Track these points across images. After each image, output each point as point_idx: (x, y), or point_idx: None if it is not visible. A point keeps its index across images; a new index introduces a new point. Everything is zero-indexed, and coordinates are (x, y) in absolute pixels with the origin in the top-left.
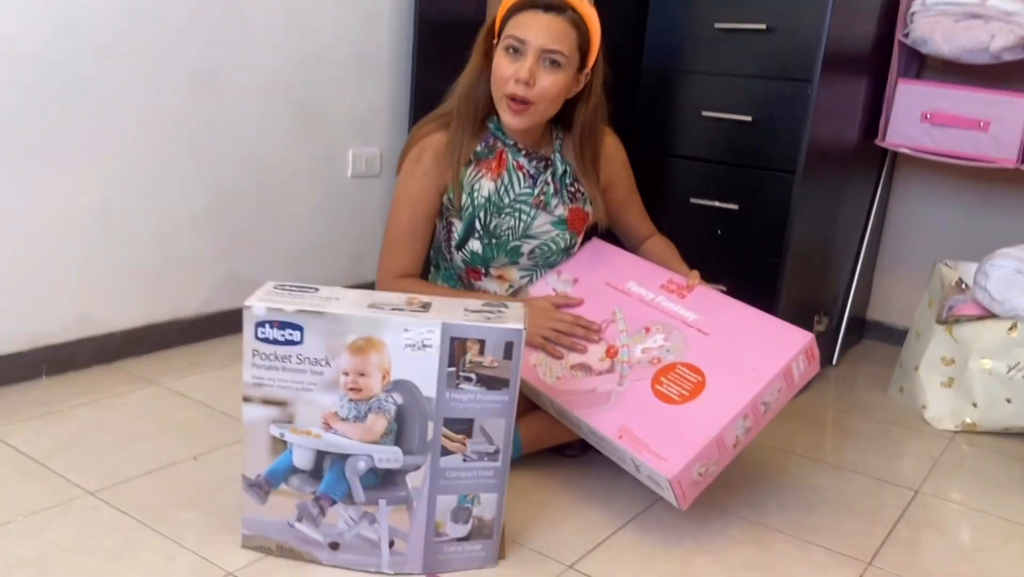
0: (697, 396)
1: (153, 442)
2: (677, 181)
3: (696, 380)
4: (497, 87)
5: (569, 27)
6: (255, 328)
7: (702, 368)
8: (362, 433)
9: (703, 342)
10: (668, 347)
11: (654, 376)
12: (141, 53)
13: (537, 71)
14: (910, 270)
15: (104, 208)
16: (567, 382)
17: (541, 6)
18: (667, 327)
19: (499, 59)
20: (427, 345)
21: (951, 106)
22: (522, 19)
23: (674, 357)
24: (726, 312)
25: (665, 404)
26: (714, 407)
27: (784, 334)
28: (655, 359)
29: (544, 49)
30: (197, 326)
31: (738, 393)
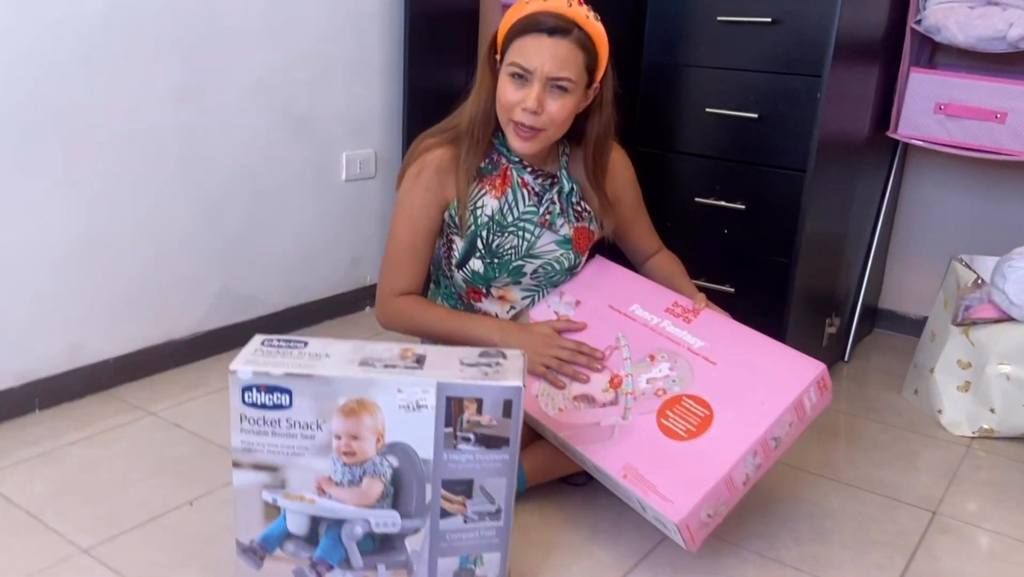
0: (704, 432)
1: (148, 484)
2: (680, 180)
3: (703, 414)
4: (503, 112)
5: (575, 49)
6: (241, 393)
7: (709, 401)
8: (357, 497)
9: (710, 372)
10: (674, 377)
11: (659, 409)
12: (121, 69)
13: (544, 98)
14: (923, 259)
15: (90, 232)
16: (570, 414)
17: (545, 30)
18: (672, 355)
19: (504, 84)
20: (422, 406)
21: (966, 96)
22: (526, 44)
23: (680, 389)
24: (734, 339)
25: (671, 440)
26: (722, 444)
27: (795, 364)
28: (660, 390)
29: (551, 77)
30: (193, 346)
31: (747, 429)
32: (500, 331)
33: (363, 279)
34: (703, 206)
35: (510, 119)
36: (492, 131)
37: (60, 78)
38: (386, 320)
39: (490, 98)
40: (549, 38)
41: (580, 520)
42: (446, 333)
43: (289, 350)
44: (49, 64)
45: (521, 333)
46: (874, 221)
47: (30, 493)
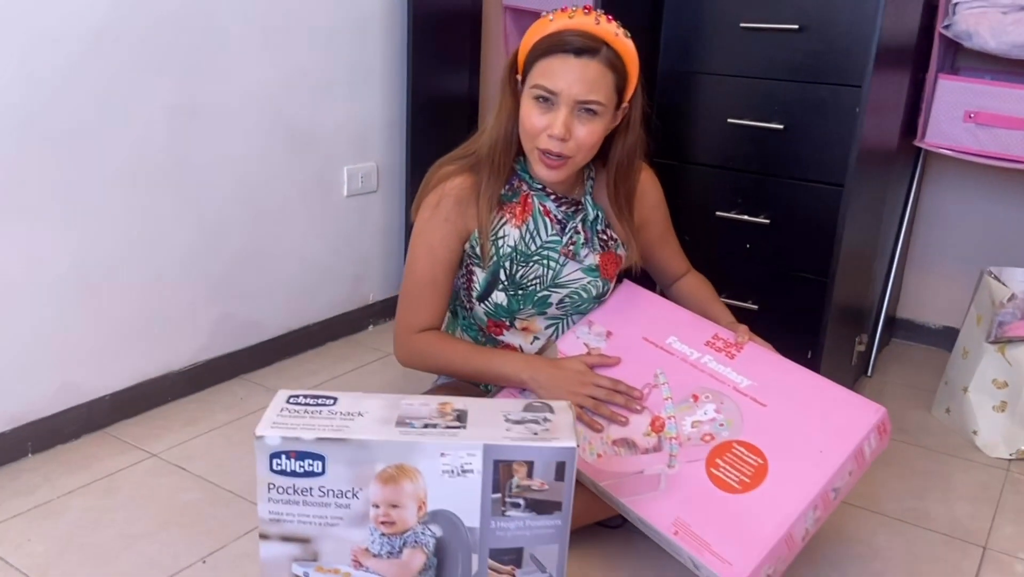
0: (759, 484)
1: (156, 539)
2: (700, 193)
3: (757, 464)
4: (527, 138)
5: (605, 70)
6: (269, 460)
7: (763, 449)
8: (397, 570)
9: (761, 416)
10: (721, 421)
11: (708, 457)
12: (113, 88)
13: (572, 123)
14: (942, 267)
15: (81, 263)
16: (610, 461)
17: (572, 50)
18: (718, 395)
19: (528, 108)
20: (468, 470)
21: (997, 105)
22: (551, 65)
23: (729, 434)
24: (783, 377)
25: (724, 493)
26: (781, 498)
27: (853, 408)
28: (707, 435)
29: (579, 100)
30: (192, 377)
31: (806, 481)
32: (529, 368)
33: (366, 297)
34: (724, 220)
35: (535, 146)
36: (514, 156)
37: (49, 100)
38: (406, 358)
39: (511, 122)
40: (576, 59)
41: (622, 568)
42: (472, 372)
43: (318, 409)
44: (37, 85)
45: (552, 370)
46: (897, 231)
47: (29, 553)
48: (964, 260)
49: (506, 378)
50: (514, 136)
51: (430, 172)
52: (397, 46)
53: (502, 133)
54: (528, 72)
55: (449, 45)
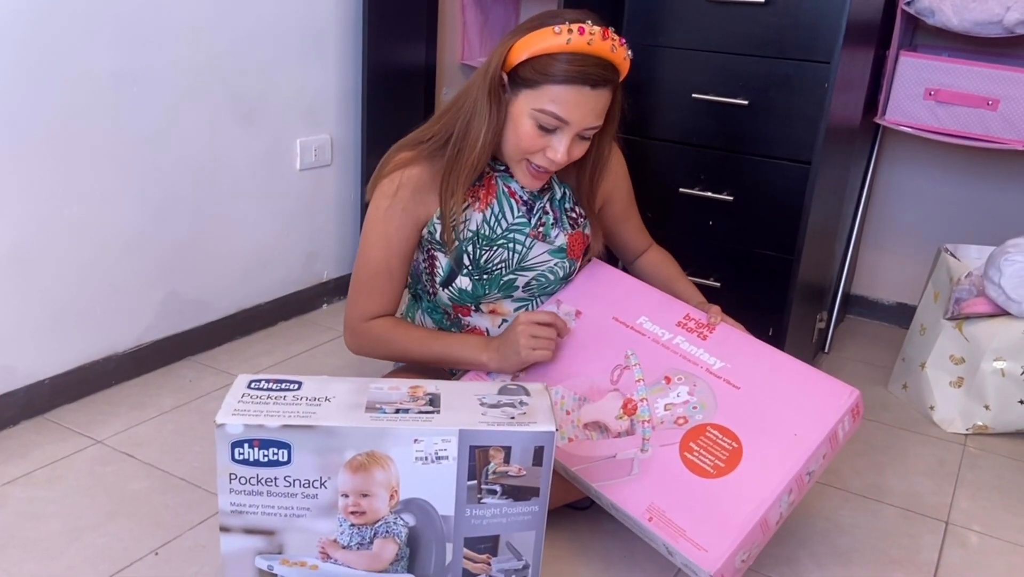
0: (734, 468)
1: (104, 531)
2: (663, 169)
3: (731, 447)
4: (519, 152)
5: (610, 94)
6: (231, 449)
7: (737, 432)
8: (368, 561)
9: (734, 398)
10: (695, 403)
11: (682, 440)
12: (49, 55)
13: (572, 147)
14: (896, 245)
15: (17, 243)
16: (581, 445)
17: (590, 82)
18: (691, 377)
19: (525, 126)
20: (442, 457)
21: (957, 82)
22: (566, 95)
23: (703, 417)
24: (756, 359)
25: (698, 477)
26: (755, 482)
27: (827, 391)
28: (681, 418)
29: (585, 128)
30: (138, 359)
31: (782, 465)
32: (486, 348)
33: (320, 275)
34: (687, 196)
35: (527, 159)
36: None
37: None
38: (357, 347)
39: (494, 135)
40: (592, 90)
41: (592, 551)
42: (430, 359)
43: (282, 394)
44: None
45: (503, 343)
46: (855, 209)
47: None
48: (917, 237)
49: (466, 362)
50: (495, 145)
51: (387, 155)
52: (351, 13)
53: (485, 144)
54: (528, 86)
55: (405, 13)
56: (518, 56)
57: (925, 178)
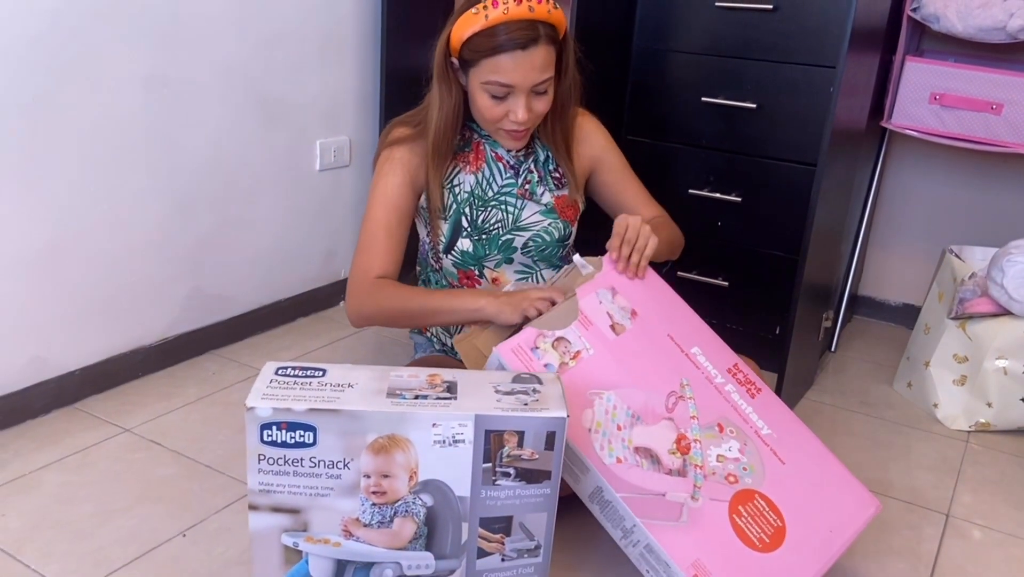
0: (777, 547)
1: (133, 514)
2: (672, 171)
3: (776, 525)
4: (487, 123)
5: (548, 48)
6: (260, 431)
7: (782, 511)
8: (388, 539)
9: (779, 472)
10: (745, 464)
11: (731, 502)
12: (84, 59)
13: (531, 104)
14: (903, 246)
15: (50, 237)
16: (631, 471)
17: (519, 45)
18: (742, 434)
19: (481, 100)
20: (459, 441)
21: (962, 87)
22: (501, 63)
23: (752, 482)
24: (795, 437)
25: (746, 548)
26: (794, 569)
27: (856, 496)
28: (732, 476)
29: (535, 84)
30: (163, 352)
31: (817, 558)
32: (487, 296)
33: (338, 273)
34: (696, 198)
35: (498, 128)
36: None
37: (16, 71)
38: (358, 309)
39: (453, 111)
40: (523, 52)
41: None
42: (430, 311)
43: (307, 380)
44: (5, 55)
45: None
46: (862, 211)
47: (5, 528)
48: (924, 239)
49: (465, 310)
50: (456, 123)
51: (386, 130)
52: (370, 20)
53: (443, 125)
54: (471, 65)
55: (422, 20)
56: (457, 41)
57: (932, 181)
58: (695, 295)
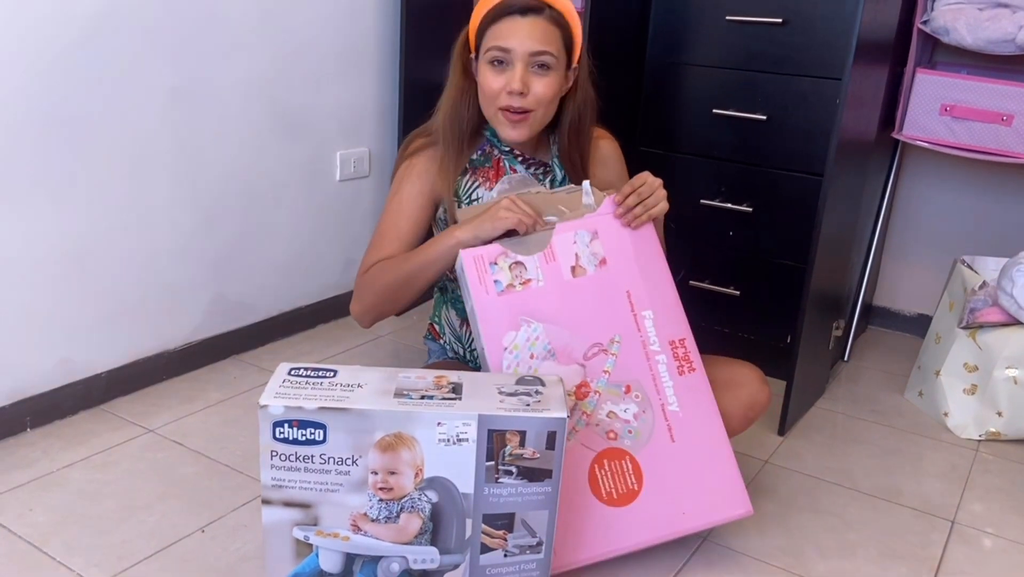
0: (621, 506)
1: (155, 511)
2: (684, 181)
3: (631, 488)
4: (488, 103)
5: (551, 26)
6: (272, 428)
7: (644, 479)
8: (394, 534)
9: (663, 448)
10: (632, 428)
11: (600, 454)
12: (111, 70)
13: (528, 78)
14: (917, 257)
15: (77, 243)
16: None
17: (518, 10)
18: (647, 402)
19: (485, 74)
20: (463, 439)
21: (972, 99)
22: (501, 28)
23: (629, 445)
24: (703, 425)
25: (591, 494)
26: (626, 529)
27: (731, 495)
28: (612, 432)
29: (532, 53)
30: (187, 357)
31: (655, 528)
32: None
33: None
34: (708, 208)
35: (497, 107)
36: (468, 132)
37: (47, 80)
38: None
39: (460, 97)
40: (523, 18)
41: None
42: (418, 267)
43: (319, 380)
44: (35, 66)
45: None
46: (875, 221)
47: (32, 523)
48: (938, 249)
49: (444, 250)
50: (463, 112)
51: (404, 143)
52: (390, 32)
53: (450, 111)
54: (480, 44)
55: (441, 35)
56: (473, 28)
57: (945, 192)
58: (707, 304)
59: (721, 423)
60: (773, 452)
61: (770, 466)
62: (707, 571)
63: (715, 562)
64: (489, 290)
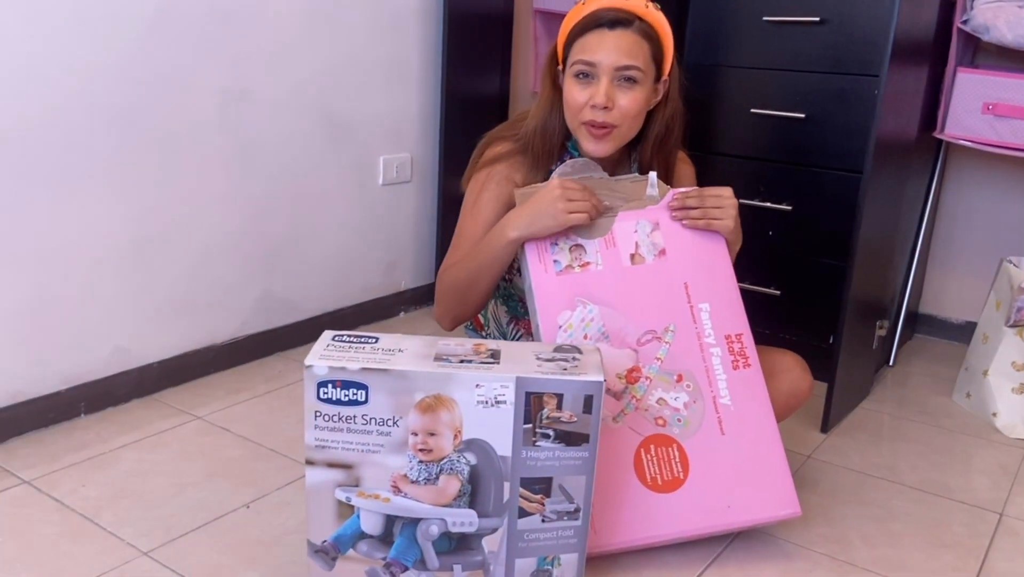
0: (665, 493)
1: (202, 488)
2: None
3: (676, 476)
4: (572, 116)
5: (640, 39)
6: (317, 388)
7: (691, 468)
8: (434, 496)
9: (712, 440)
10: (682, 417)
11: (647, 439)
12: (167, 72)
13: (613, 92)
14: (964, 262)
15: (135, 236)
16: None
17: (606, 23)
18: (698, 393)
19: (570, 87)
20: (501, 401)
21: (1015, 97)
22: (588, 41)
23: (678, 433)
24: (758, 421)
25: (635, 477)
26: (669, 517)
27: (780, 493)
28: (661, 419)
29: (617, 67)
30: (234, 351)
31: (696, 520)
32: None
33: (398, 284)
34: (748, 208)
35: (581, 121)
36: (557, 144)
37: (109, 81)
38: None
39: (551, 109)
40: (611, 31)
41: None
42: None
43: (361, 345)
44: (98, 67)
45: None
46: (918, 224)
47: (84, 497)
48: (985, 255)
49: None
50: (553, 123)
51: (480, 146)
52: (432, 44)
53: (541, 120)
54: (568, 55)
55: (482, 46)
56: (562, 39)
57: (990, 196)
58: (747, 304)
59: (775, 422)
60: (816, 448)
61: (813, 461)
62: (747, 555)
63: (755, 548)
64: (548, 269)
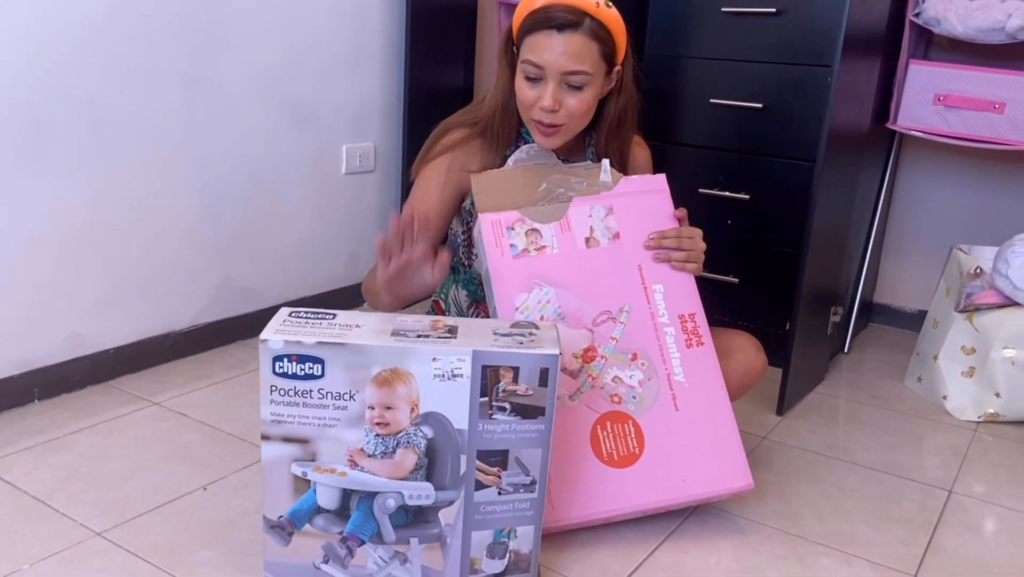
0: (621, 468)
1: (158, 471)
2: (683, 171)
3: (632, 451)
4: (523, 110)
5: (588, 41)
6: (272, 363)
7: (646, 444)
8: (391, 469)
9: (666, 416)
10: (637, 394)
11: (603, 416)
12: (123, 56)
13: (561, 95)
14: (917, 252)
15: (90, 221)
16: None
17: (555, 25)
18: (652, 371)
19: (520, 83)
20: (457, 375)
21: (964, 88)
22: (536, 41)
23: (633, 410)
24: (709, 396)
25: (591, 453)
26: (624, 491)
27: (732, 466)
28: (616, 396)
29: (564, 72)
30: (192, 338)
31: (651, 494)
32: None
33: (361, 274)
34: (706, 197)
35: (531, 117)
36: (514, 124)
37: (62, 67)
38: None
39: (507, 91)
40: (559, 34)
41: None
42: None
43: (318, 321)
44: (51, 53)
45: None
46: (872, 214)
47: (37, 480)
48: (937, 246)
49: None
50: (510, 104)
51: (435, 133)
52: (396, 33)
53: (499, 102)
54: (519, 46)
55: (445, 36)
56: (515, 25)
57: (943, 187)
58: (706, 292)
59: (727, 398)
60: (771, 430)
61: (768, 442)
62: (702, 530)
63: (709, 523)
64: (504, 253)
